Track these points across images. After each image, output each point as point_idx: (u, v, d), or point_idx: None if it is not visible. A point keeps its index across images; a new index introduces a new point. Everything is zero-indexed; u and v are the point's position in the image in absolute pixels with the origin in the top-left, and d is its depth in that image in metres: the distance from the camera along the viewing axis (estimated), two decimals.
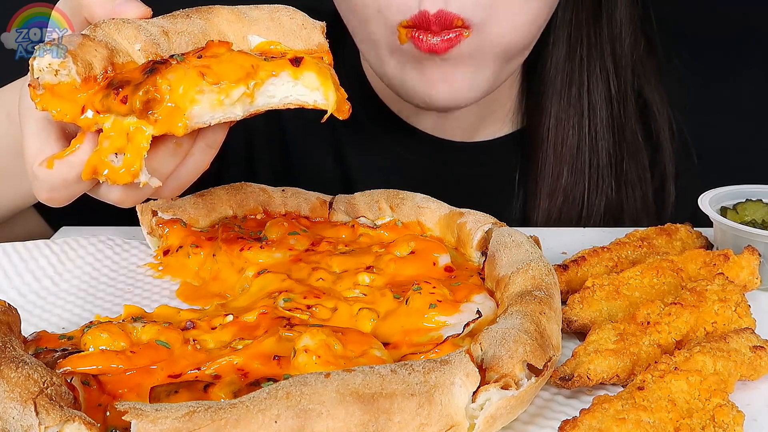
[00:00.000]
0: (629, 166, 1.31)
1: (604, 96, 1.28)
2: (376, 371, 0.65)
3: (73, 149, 0.77)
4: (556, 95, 1.28)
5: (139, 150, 0.76)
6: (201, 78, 0.77)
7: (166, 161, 0.79)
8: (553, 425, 0.74)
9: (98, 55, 0.78)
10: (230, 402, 0.63)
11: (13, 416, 0.62)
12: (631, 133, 1.31)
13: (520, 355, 0.70)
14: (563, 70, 1.27)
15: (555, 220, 1.29)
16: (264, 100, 0.81)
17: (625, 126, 1.30)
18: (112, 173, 0.76)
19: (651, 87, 1.32)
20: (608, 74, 1.28)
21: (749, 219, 1.02)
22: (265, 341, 0.77)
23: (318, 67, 0.81)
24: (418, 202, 1.03)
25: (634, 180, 1.31)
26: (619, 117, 1.29)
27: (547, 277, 0.82)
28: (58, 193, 0.80)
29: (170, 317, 0.86)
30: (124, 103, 0.75)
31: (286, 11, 0.86)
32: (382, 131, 1.35)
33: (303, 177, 1.35)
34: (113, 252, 1.06)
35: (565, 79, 1.27)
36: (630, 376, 0.78)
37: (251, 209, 1.07)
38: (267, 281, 0.91)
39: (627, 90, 1.30)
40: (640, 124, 1.33)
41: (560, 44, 1.27)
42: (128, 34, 0.81)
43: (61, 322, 0.91)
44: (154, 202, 1.05)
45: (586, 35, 1.26)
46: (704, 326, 0.84)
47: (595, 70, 1.27)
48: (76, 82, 0.76)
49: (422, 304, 0.82)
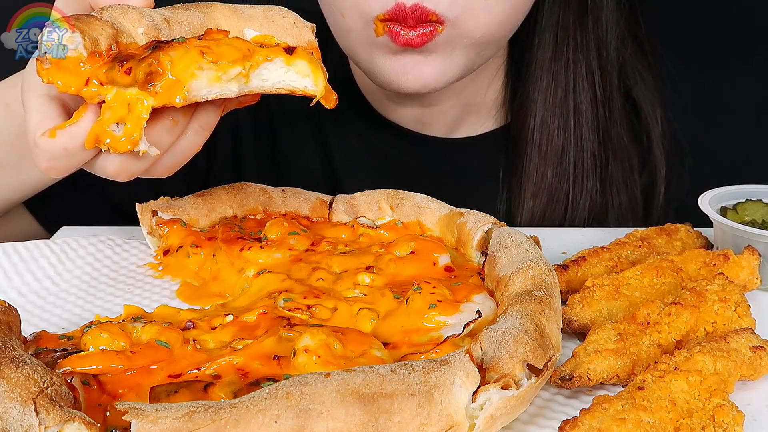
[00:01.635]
0: (615, 167, 1.31)
1: (590, 98, 1.28)
2: (376, 371, 0.65)
3: (76, 120, 0.82)
4: (542, 96, 1.28)
5: (139, 120, 0.80)
6: (201, 56, 0.82)
7: (163, 136, 0.84)
8: (553, 425, 0.74)
9: (104, 33, 0.83)
10: (230, 402, 0.63)
11: (13, 416, 0.62)
12: (617, 135, 1.31)
13: (520, 355, 0.70)
14: (549, 71, 1.27)
15: (539, 220, 1.29)
16: (258, 82, 0.86)
17: (611, 128, 1.30)
18: (114, 142, 0.81)
19: (640, 89, 1.32)
20: (593, 76, 1.28)
21: (749, 219, 1.02)
22: (265, 341, 0.77)
23: (309, 57, 0.87)
24: (418, 202, 1.03)
25: (619, 182, 1.31)
26: (604, 119, 1.29)
27: (547, 277, 0.82)
28: (59, 162, 0.83)
29: (170, 317, 0.86)
30: (128, 74, 0.80)
31: (279, 10, 0.92)
32: (366, 127, 1.35)
33: (288, 172, 1.36)
34: (113, 252, 1.06)
35: (550, 80, 1.27)
36: (630, 376, 0.78)
37: (251, 209, 1.07)
38: (267, 281, 0.91)
39: (613, 92, 1.30)
40: (628, 126, 1.33)
41: (546, 46, 1.27)
42: (132, 18, 0.86)
43: (61, 322, 0.91)
44: (154, 202, 1.05)
45: (572, 38, 1.27)
46: (704, 326, 0.84)
47: (581, 71, 1.27)
48: (82, 56, 0.81)
49: (422, 304, 0.82)
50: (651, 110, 1.32)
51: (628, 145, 1.32)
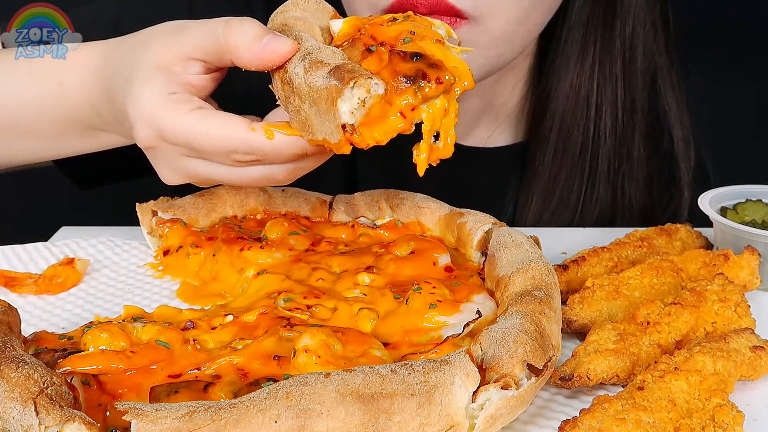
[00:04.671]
0: (628, 177, 1.29)
1: (611, 101, 1.26)
2: (376, 371, 0.65)
3: None
4: (563, 94, 1.26)
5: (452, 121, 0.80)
6: None
7: None
8: (553, 425, 0.74)
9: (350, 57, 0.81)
10: (230, 402, 0.63)
11: (13, 416, 0.62)
12: (635, 144, 1.28)
13: (520, 355, 0.69)
14: (574, 69, 1.25)
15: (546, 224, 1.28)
16: None
17: (629, 136, 1.28)
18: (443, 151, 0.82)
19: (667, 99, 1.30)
20: (617, 80, 1.26)
21: (749, 219, 1.02)
22: (265, 341, 0.77)
23: None
24: (418, 202, 1.03)
25: (632, 191, 1.30)
26: (622, 125, 1.27)
27: (547, 277, 0.82)
28: None
29: (170, 317, 0.86)
30: (440, 83, 0.77)
31: None
32: None
33: None
34: (113, 252, 1.06)
35: (575, 79, 1.25)
36: (630, 376, 0.78)
37: (251, 209, 1.07)
38: (267, 281, 0.91)
39: (636, 99, 1.28)
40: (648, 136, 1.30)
41: (573, 43, 1.24)
42: None
43: (61, 322, 0.91)
44: (154, 202, 1.05)
45: (600, 37, 1.24)
46: (704, 326, 0.84)
47: (605, 73, 1.25)
48: (378, 96, 0.76)
49: (422, 304, 0.82)
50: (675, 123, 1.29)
51: (644, 157, 1.30)
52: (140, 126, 0.85)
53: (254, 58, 0.82)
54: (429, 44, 0.80)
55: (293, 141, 0.82)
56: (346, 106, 0.75)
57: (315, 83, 0.77)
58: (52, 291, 0.96)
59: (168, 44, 0.87)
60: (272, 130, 0.82)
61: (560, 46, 1.26)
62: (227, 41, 0.83)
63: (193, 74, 0.86)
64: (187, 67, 0.86)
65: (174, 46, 0.86)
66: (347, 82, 0.75)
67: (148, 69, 0.86)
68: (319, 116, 0.78)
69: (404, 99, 0.76)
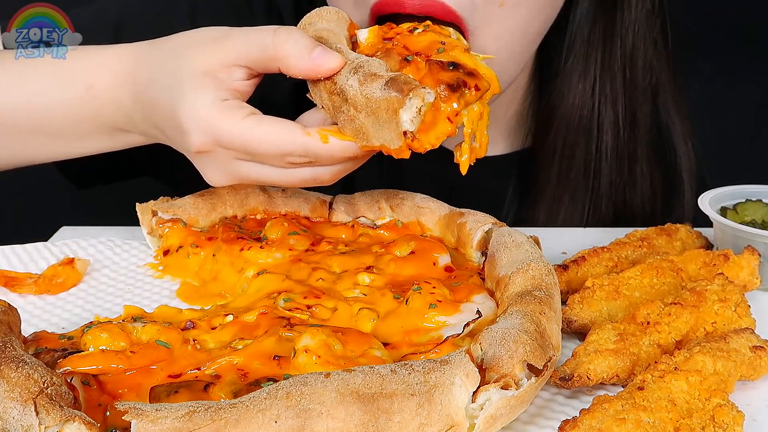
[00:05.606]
0: (631, 193, 1.29)
1: (612, 120, 1.26)
2: (376, 371, 0.65)
3: None
4: (567, 114, 1.25)
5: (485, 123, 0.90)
6: None
7: None
8: (553, 425, 0.74)
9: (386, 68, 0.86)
10: (230, 402, 0.63)
11: (13, 416, 0.62)
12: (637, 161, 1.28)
13: (520, 355, 0.70)
14: (576, 87, 1.25)
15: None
16: None
17: (631, 153, 1.28)
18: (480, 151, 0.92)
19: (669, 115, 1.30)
20: (617, 97, 1.25)
21: (749, 219, 1.02)
22: (265, 341, 0.77)
23: None
24: (418, 202, 1.03)
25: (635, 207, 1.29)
26: (624, 142, 1.27)
27: (547, 277, 0.82)
28: None
29: (170, 317, 0.86)
30: (477, 90, 0.86)
31: None
32: None
33: None
34: (113, 252, 1.06)
35: (576, 98, 1.25)
36: (630, 376, 0.78)
37: (251, 209, 1.07)
38: (267, 281, 0.91)
39: (637, 116, 1.27)
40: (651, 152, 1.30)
41: (575, 62, 1.24)
42: None
43: (61, 322, 0.91)
44: (154, 202, 1.05)
45: (601, 54, 1.24)
46: (704, 326, 0.84)
47: (606, 92, 1.25)
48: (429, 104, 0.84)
49: (422, 304, 0.82)
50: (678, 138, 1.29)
51: (646, 172, 1.30)
52: (195, 133, 0.89)
53: (304, 68, 0.87)
54: (461, 53, 0.88)
55: (347, 146, 0.87)
56: (407, 115, 0.82)
57: (373, 95, 0.83)
58: (52, 291, 0.96)
59: (212, 51, 0.90)
60: (327, 135, 0.87)
61: (561, 64, 1.25)
62: (277, 50, 0.87)
63: (238, 80, 0.90)
64: (231, 73, 0.90)
65: (219, 53, 0.90)
66: (407, 94, 0.81)
67: (195, 76, 0.89)
68: (378, 125, 0.84)
69: (450, 105, 0.84)
